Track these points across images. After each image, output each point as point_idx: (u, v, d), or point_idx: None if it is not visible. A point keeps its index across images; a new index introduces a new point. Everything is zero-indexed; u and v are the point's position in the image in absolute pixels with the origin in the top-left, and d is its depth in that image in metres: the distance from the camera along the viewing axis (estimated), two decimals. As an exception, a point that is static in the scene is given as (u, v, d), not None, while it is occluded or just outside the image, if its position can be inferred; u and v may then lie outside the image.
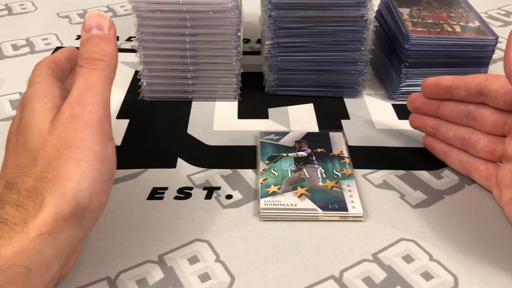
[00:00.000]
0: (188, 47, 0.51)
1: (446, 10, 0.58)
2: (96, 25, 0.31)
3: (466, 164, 0.43)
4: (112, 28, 0.31)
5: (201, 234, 0.38)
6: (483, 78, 0.40)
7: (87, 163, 0.28)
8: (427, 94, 0.44)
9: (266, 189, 0.41)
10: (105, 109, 0.30)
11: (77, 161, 0.28)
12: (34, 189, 0.28)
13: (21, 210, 0.27)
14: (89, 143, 0.29)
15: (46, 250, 0.27)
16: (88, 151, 0.28)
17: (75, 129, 0.29)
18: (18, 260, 0.26)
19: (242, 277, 0.35)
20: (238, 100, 0.55)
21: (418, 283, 0.34)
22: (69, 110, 0.29)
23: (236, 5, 0.49)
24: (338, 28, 0.51)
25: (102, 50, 0.30)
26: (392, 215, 0.40)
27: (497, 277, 0.35)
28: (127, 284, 0.34)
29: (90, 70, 0.30)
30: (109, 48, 0.31)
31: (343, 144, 0.47)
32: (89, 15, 0.31)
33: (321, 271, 0.35)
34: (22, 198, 0.27)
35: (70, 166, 0.28)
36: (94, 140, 0.29)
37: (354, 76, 0.54)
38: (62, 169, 0.28)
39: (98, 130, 0.29)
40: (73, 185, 0.28)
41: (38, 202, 0.27)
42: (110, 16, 0.75)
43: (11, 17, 0.74)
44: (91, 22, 0.31)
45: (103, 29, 0.31)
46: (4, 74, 0.59)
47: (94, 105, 0.29)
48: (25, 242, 0.26)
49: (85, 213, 0.29)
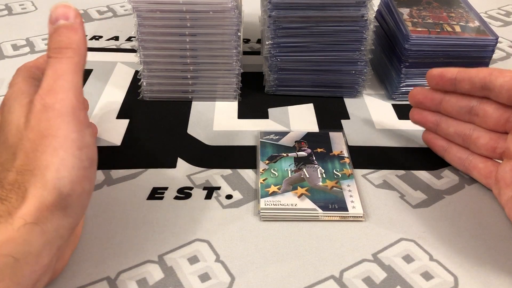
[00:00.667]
0: (188, 47, 0.51)
1: (446, 10, 0.58)
2: (62, 15, 0.31)
3: (466, 162, 0.43)
4: (78, 17, 0.31)
5: (201, 234, 0.38)
6: (487, 72, 0.40)
7: (65, 151, 0.28)
8: (432, 85, 0.44)
9: (266, 189, 0.41)
10: (77, 96, 0.29)
11: (54, 150, 0.28)
12: (15, 182, 0.28)
13: (5, 203, 0.27)
14: (64, 131, 0.28)
15: (33, 239, 0.27)
16: (64, 139, 0.28)
17: (48, 119, 0.28)
18: (4, 250, 0.26)
19: (242, 277, 0.35)
20: (238, 100, 0.55)
21: (418, 283, 0.34)
22: (39, 101, 0.29)
23: (236, 5, 0.49)
24: (338, 28, 0.51)
25: (68, 39, 0.30)
26: (392, 215, 0.40)
27: (497, 277, 0.35)
28: (127, 284, 0.34)
29: (58, 59, 0.30)
30: (76, 35, 0.30)
31: (343, 144, 0.47)
32: (54, 7, 0.31)
33: (321, 271, 0.35)
34: (5, 192, 0.27)
35: (48, 156, 0.28)
36: (69, 128, 0.29)
37: (354, 76, 0.54)
38: (41, 160, 0.28)
39: (72, 118, 0.29)
40: (53, 174, 0.28)
41: (21, 194, 0.27)
42: (110, 16, 0.75)
43: (11, 17, 0.74)
44: (57, 13, 0.31)
45: (69, 18, 0.31)
46: (4, 74, 0.59)
47: (65, 93, 0.29)
48: (10, 232, 0.26)
49: (69, 201, 0.28)
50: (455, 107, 0.43)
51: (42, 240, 0.27)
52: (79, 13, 0.31)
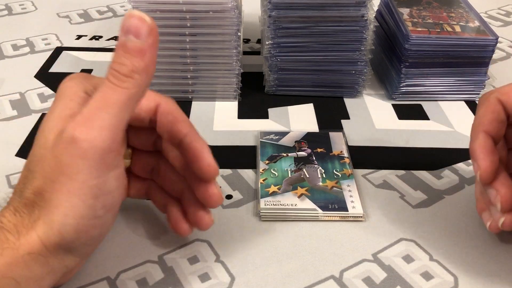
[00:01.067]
0: (188, 47, 0.51)
1: (446, 10, 0.58)
2: (133, 30, 0.26)
3: None
4: (150, 36, 0.26)
5: (201, 234, 0.38)
6: None
7: (78, 198, 0.26)
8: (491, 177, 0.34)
9: (266, 189, 0.41)
10: (113, 136, 0.26)
11: (68, 192, 0.26)
12: (32, 202, 0.27)
13: (17, 216, 0.27)
14: (83, 176, 0.26)
15: (36, 268, 0.27)
16: (81, 185, 0.26)
17: (71, 156, 0.26)
18: (9, 272, 0.26)
19: (242, 277, 0.34)
20: (238, 100, 0.55)
21: (418, 283, 0.34)
22: (71, 130, 0.26)
23: (236, 5, 0.49)
24: (338, 28, 0.51)
25: (132, 65, 0.26)
26: (392, 215, 0.40)
27: (497, 277, 0.35)
28: (127, 284, 0.34)
29: (112, 85, 0.26)
30: (142, 62, 0.26)
31: (343, 144, 0.47)
32: (129, 14, 0.26)
33: (321, 271, 0.35)
34: (21, 205, 0.27)
35: (61, 196, 0.26)
36: (90, 173, 0.26)
37: (354, 76, 0.54)
38: (54, 196, 0.26)
39: (96, 163, 0.26)
40: (60, 217, 0.26)
41: (32, 218, 0.27)
42: (110, 16, 0.75)
43: (11, 17, 0.74)
44: (129, 24, 0.26)
45: (140, 36, 0.26)
46: (4, 74, 0.59)
47: (100, 131, 0.26)
48: (15, 256, 0.26)
49: (72, 246, 0.28)
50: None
51: (45, 269, 0.27)
52: (155, 29, 0.26)
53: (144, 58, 0.26)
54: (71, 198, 0.26)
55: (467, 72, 0.54)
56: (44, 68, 0.61)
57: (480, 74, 0.55)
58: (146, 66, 0.26)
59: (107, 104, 0.26)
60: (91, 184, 0.26)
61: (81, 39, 0.68)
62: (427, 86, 0.55)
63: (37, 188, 0.27)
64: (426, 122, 0.52)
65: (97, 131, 0.26)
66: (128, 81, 0.26)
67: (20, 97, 0.55)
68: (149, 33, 0.26)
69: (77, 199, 0.26)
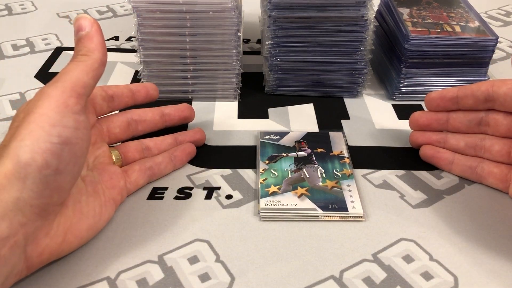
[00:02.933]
0: (188, 47, 0.51)
1: (446, 10, 0.58)
2: (80, 27, 0.35)
3: (478, 169, 0.43)
4: (93, 25, 0.35)
5: (201, 234, 0.38)
6: (489, 84, 0.40)
7: (36, 124, 0.30)
8: (433, 108, 0.44)
9: (266, 189, 0.41)
10: (74, 87, 0.32)
11: (28, 124, 0.30)
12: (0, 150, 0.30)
13: None
14: (43, 109, 0.30)
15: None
16: (39, 115, 0.30)
17: (38, 100, 0.31)
18: None
19: (242, 277, 0.35)
20: (238, 100, 0.55)
21: (418, 283, 0.34)
22: (42, 89, 0.32)
23: (236, 5, 0.49)
24: (338, 28, 0.51)
25: (85, 47, 0.34)
26: (392, 215, 0.40)
27: (497, 277, 0.35)
28: (127, 284, 0.34)
29: (73, 61, 0.34)
30: (91, 43, 0.34)
31: (343, 144, 0.47)
32: (74, 20, 0.35)
33: (321, 271, 0.35)
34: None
35: (22, 129, 0.30)
36: (49, 106, 0.30)
37: (354, 76, 0.54)
38: (17, 133, 0.30)
39: (56, 100, 0.31)
40: (17, 143, 0.29)
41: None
42: (110, 16, 0.75)
43: (11, 17, 0.74)
44: (76, 26, 0.35)
45: (85, 29, 0.34)
46: (4, 74, 0.59)
47: (62, 83, 0.32)
48: None
49: (28, 170, 0.28)
50: (464, 122, 0.43)
51: None
52: (95, 21, 0.35)
53: (93, 40, 0.34)
54: (29, 125, 0.30)
55: (467, 72, 0.54)
56: (44, 68, 0.61)
57: (480, 74, 0.55)
58: (96, 45, 0.34)
59: (68, 70, 0.33)
60: (49, 114, 0.30)
61: (81, 39, 0.68)
62: (427, 86, 0.55)
63: (5, 141, 0.30)
64: (426, 122, 0.52)
65: (60, 82, 0.32)
66: (83, 57, 0.34)
67: (20, 97, 0.55)
68: (91, 24, 0.35)
69: (34, 125, 0.30)
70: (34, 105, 0.31)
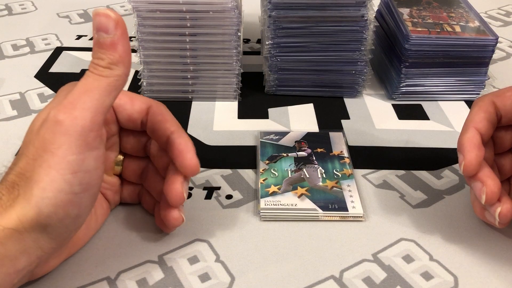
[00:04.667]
0: (188, 47, 0.51)
1: (446, 10, 0.58)
2: (102, 27, 0.28)
3: None
4: (118, 28, 0.28)
5: (201, 234, 0.38)
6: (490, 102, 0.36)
7: (57, 171, 0.27)
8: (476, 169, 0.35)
9: (266, 189, 0.41)
10: (94, 117, 0.28)
11: (48, 167, 0.27)
12: (13, 183, 0.28)
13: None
14: (64, 151, 0.28)
15: (10, 244, 0.27)
16: (60, 160, 0.27)
17: (54, 133, 0.28)
18: None
19: (242, 277, 0.35)
20: (238, 100, 0.55)
21: (418, 283, 0.34)
22: (56, 112, 0.28)
23: (236, 5, 0.49)
24: (338, 28, 0.51)
25: (108, 58, 0.29)
26: (392, 215, 0.40)
27: (497, 277, 0.35)
28: (127, 284, 0.34)
29: (93, 75, 0.29)
30: (116, 54, 0.29)
31: (343, 144, 0.47)
32: (95, 12, 0.28)
33: (321, 271, 0.35)
34: (2, 188, 0.28)
35: (42, 171, 0.27)
36: (69, 148, 0.28)
37: (354, 76, 0.54)
38: (35, 172, 0.28)
39: (76, 139, 0.28)
40: (39, 191, 0.27)
41: (12, 197, 0.28)
42: (110, 16, 0.75)
43: (11, 17, 0.74)
44: (97, 23, 0.28)
45: (108, 31, 0.28)
46: (4, 74, 0.59)
47: (82, 112, 0.28)
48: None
49: (49, 221, 0.28)
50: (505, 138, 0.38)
51: (19, 247, 0.27)
52: (120, 21, 0.29)
53: (117, 49, 0.29)
54: (50, 172, 0.27)
55: (467, 72, 0.54)
56: (44, 68, 0.61)
57: (480, 74, 0.55)
58: (121, 56, 0.29)
59: (89, 90, 0.29)
60: (70, 159, 0.28)
61: (81, 39, 0.68)
62: (427, 86, 0.55)
63: (20, 169, 0.28)
64: (426, 122, 0.52)
65: (79, 111, 0.28)
66: (105, 71, 0.29)
67: (20, 97, 0.55)
68: (116, 27, 0.28)
69: (55, 173, 0.27)
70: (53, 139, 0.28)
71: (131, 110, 0.36)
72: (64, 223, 0.29)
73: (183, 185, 0.34)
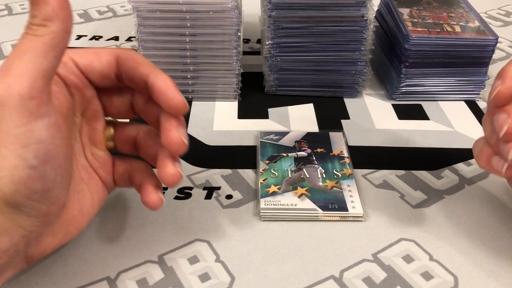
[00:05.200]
0: (188, 47, 0.51)
1: (446, 10, 0.58)
2: None
3: None
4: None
5: (201, 234, 0.38)
6: None
7: (6, 148, 0.25)
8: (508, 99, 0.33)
9: (266, 189, 0.41)
10: (32, 83, 0.25)
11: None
12: None
13: None
14: (6, 125, 0.25)
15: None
16: (5, 135, 0.25)
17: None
18: None
19: (242, 277, 0.35)
20: (238, 100, 0.55)
21: (418, 283, 0.34)
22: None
23: (236, 5, 0.49)
24: (338, 28, 0.51)
25: (41, 14, 0.26)
26: (392, 215, 0.40)
27: (497, 277, 0.35)
28: (127, 284, 0.34)
29: (27, 35, 0.26)
30: (48, 9, 0.26)
31: (343, 144, 0.47)
32: None
33: (321, 271, 0.35)
34: None
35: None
36: (11, 121, 0.25)
37: (354, 76, 0.54)
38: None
39: (16, 109, 0.25)
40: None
41: None
42: (110, 16, 0.75)
43: (11, 17, 0.74)
44: None
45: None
46: (4, 74, 0.59)
47: (16, 78, 0.25)
48: None
49: (17, 200, 0.26)
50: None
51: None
52: None
53: (49, 2, 0.25)
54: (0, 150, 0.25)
55: (467, 72, 0.54)
56: (44, 68, 0.61)
57: (480, 74, 0.55)
58: (54, 10, 0.26)
59: (22, 53, 0.26)
60: (16, 132, 0.25)
61: (81, 39, 0.68)
62: (427, 86, 0.55)
63: None
64: (426, 122, 0.52)
65: (13, 78, 0.25)
66: (40, 29, 0.26)
67: (20, 97, 0.55)
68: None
69: (4, 149, 0.25)
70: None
71: (100, 67, 0.32)
72: (34, 199, 0.27)
73: (178, 129, 0.32)
